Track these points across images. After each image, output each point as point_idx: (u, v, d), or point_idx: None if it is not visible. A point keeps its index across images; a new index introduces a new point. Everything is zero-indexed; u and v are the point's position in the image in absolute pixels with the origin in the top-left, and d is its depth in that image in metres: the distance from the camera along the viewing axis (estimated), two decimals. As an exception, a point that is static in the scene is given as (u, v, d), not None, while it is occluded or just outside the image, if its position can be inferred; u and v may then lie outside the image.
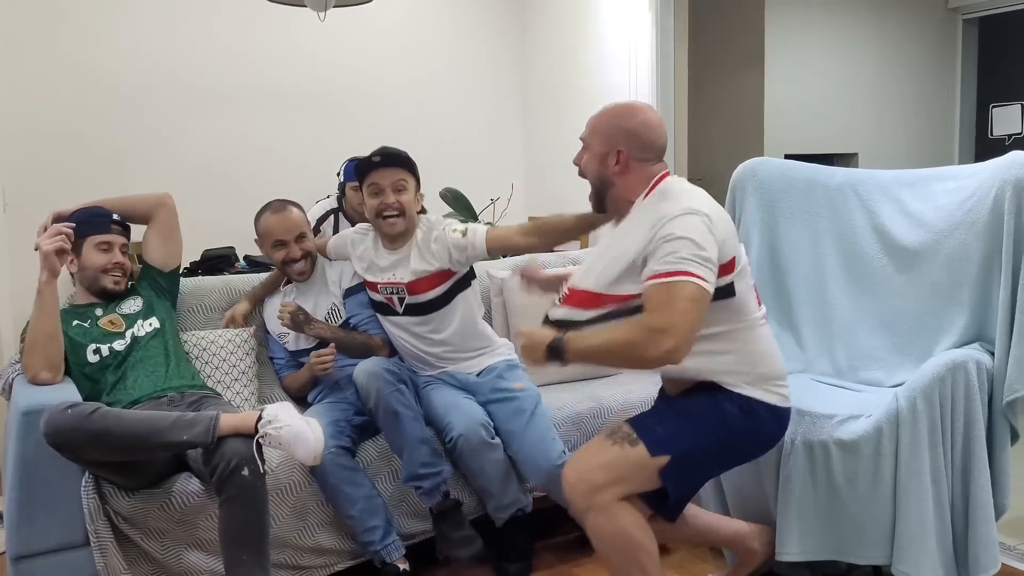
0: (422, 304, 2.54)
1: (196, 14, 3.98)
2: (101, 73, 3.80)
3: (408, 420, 2.33)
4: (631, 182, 1.91)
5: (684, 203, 1.80)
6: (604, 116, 1.95)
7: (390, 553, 2.33)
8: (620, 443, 1.87)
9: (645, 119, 1.92)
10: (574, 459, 1.93)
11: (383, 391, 2.32)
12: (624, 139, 1.89)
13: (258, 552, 2.03)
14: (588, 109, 4.02)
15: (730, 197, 2.76)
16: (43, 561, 2.07)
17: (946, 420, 2.05)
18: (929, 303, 2.37)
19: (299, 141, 4.22)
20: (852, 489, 2.10)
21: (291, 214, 2.63)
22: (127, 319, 2.46)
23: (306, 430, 2.05)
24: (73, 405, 1.96)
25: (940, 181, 2.45)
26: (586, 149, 1.97)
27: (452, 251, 2.49)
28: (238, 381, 2.66)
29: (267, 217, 2.63)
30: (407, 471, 2.35)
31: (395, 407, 2.32)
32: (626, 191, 1.91)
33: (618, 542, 1.85)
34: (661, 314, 1.69)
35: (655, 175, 1.91)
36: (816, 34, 5.25)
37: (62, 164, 3.73)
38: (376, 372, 2.36)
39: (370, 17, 4.18)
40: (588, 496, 1.84)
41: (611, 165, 1.91)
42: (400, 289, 2.55)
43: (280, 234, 2.61)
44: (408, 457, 2.34)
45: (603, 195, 1.96)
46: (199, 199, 3.98)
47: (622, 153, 1.89)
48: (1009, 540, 2.51)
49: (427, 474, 2.33)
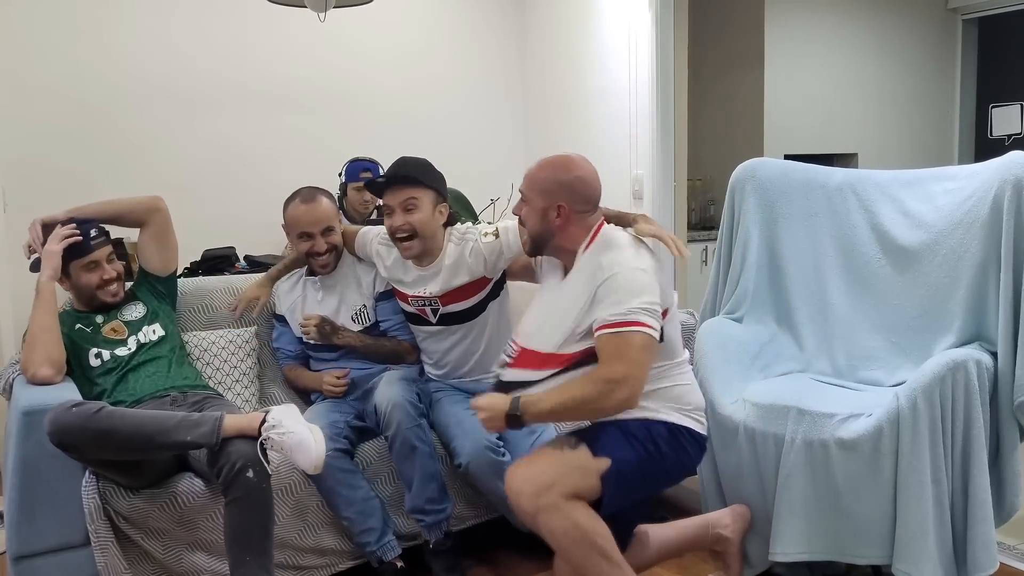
0: (458, 314, 2.50)
1: (196, 14, 3.97)
2: (101, 73, 3.80)
3: (423, 456, 2.33)
4: (572, 233, 2.01)
5: (627, 256, 1.92)
6: (543, 171, 2.04)
7: (386, 552, 2.34)
8: (562, 447, 1.92)
9: (582, 174, 2.02)
10: (517, 470, 1.95)
11: (403, 424, 2.31)
12: (564, 194, 1.99)
13: (261, 553, 2.04)
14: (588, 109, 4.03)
15: (729, 197, 2.76)
16: (43, 561, 2.07)
17: (946, 419, 2.05)
18: (928, 303, 2.37)
19: (299, 141, 4.22)
20: (852, 488, 2.10)
21: (320, 205, 2.56)
22: (130, 325, 2.46)
23: (309, 439, 2.04)
24: (78, 404, 1.96)
25: (939, 181, 2.46)
26: (526, 202, 2.05)
27: (488, 258, 2.44)
28: (239, 382, 2.66)
29: (295, 206, 2.57)
30: (413, 503, 2.35)
31: (414, 442, 2.32)
32: (567, 241, 2.02)
33: (574, 535, 1.87)
34: (615, 365, 1.81)
35: (593, 225, 2.02)
36: (816, 34, 5.24)
37: (62, 164, 3.72)
38: (399, 403, 2.33)
39: (370, 17, 4.18)
40: (536, 497, 1.85)
41: (552, 219, 2.00)
42: (433, 301, 2.50)
43: (306, 225, 2.55)
44: (417, 491, 2.34)
45: (542, 245, 2.06)
46: (199, 199, 3.98)
47: (563, 208, 1.98)
48: (1009, 540, 2.51)
49: (432, 510, 2.35)
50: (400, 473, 2.38)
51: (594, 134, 4.22)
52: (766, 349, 2.59)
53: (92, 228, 2.43)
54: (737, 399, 2.37)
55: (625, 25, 3.96)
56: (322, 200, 2.58)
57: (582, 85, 4.29)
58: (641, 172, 3.93)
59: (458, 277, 2.46)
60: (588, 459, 1.90)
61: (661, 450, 1.94)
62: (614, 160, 4.08)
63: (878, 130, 5.51)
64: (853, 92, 5.38)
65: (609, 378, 1.80)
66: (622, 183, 4.03)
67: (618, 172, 4.06)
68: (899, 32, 5.56)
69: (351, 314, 2.62)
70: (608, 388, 1.80)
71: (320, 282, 2.66)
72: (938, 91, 5.79)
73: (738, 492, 2.35)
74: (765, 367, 2.54)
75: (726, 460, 2.38)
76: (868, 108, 5.45)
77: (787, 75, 5.05)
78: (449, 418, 2.45)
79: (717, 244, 2.84)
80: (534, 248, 2.10)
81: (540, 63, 4.64)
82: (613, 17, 4.05)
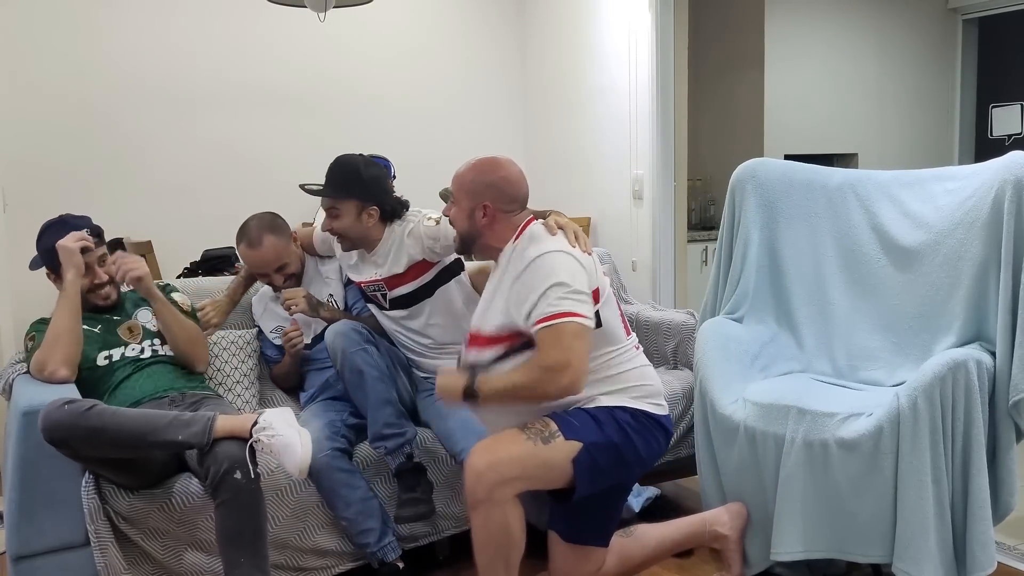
0: (404, 297, 2.56)
1: (196, 14, 3.97)
2: (101, 73, 3.80)
3: (372, 379, 2.33)
4: (498, 231, 2.07)
5: (547, 244, 1.97)
6: (469, 173, 2.09)
7: (387, 554, 2.33)
8: (534, 439, 1.92)
9: (506, 174, 2.08)
10: (484, 448, 1.95)
11: (348, 349, 2.33)
12: (489, 194, 2.05)
13: (254, 554, 2.03)
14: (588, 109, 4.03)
15: (729, 197, 2.76)
16: (43, 561, 2.07)
17: (947, 419, 2.05)
18: (929, 303, 2.37)
19: (299, 141, 4.22)
20: (852, 488, 2.10)
21: (264, 248, 2.56)
22: (146, 332, 2.47)
23: (296, 442, 2.03)
24: (70, 401, 1.96)
25: (940, 181, 2.46)
26: (454, 203, 2.11)
27: (425, 240, 2.49)
28: (239, 383, 2.66)
29: (242, 250, 2.62)
30: (371, 430, 2.35)
31: (360, 366, 2.33)
32: (494, 240, 2.08)
33: (499, 538, 1.90)
34: (552, 353, 1.85)
35: (520, 223, 2.07)
36: (816, 34, 5.25)
37: (62, 164, 3.72)
38: (343, 331, 2.37)
39: (370, 17, 4.18)
40: (492, 488, 1.87)
41: (479, 218, 2.06)
42: (380, 286, 2.57)
43: (257, 268, 2.63)
44: (372, 416, 2.34)
45: (470, 244, 2.13)
46: (199, 199, 3.98)
47: (488, 207, 2.04)
48: (1008, 540, 2.51)
49: (391, 434, 2.33)
50: (356, 404, 2.39)
51: (594, 134, 4.22)
52: (766, 349, 2.59)
53: (85, 228, 2.41)
54: (737, 399, 2.37)
55: (625, 25, 3.96)
56: (266, 241, 2.57)
57: (582, 85, 4.29)
58: (641, 172, 3.93)
59: (399, 263, 2.53)
60: (559, 449, 1.91)
61: (628, 435, 1.97)
62: (614, 160, 4.09)
63: (878, 130, 5.51)
64: (853, 92, 5.38)
65: (546, 365, 1.84)
66: (622, 183, 4.04)
67: (618, 172, 4.06)
68: (899, 32, 5.56)
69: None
70: (547, 375, 1.84)
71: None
72: (938, 91, 5.79)
73: (738, 491, 2.35)
74: (765, 367, 2.54)
75: (726, 459, 2.38)
76: (868, 108, 5.45)
77: (787, 75, 5.05)
78: (438, 416, 2.48)
79: (717, 244, 2.84)
80: (462, 246, 2.16)
81: (540, 63, 4.64)
82: (613, 17, 4.05)
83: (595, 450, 1.92)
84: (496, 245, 2.08)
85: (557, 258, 1.93)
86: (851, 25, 5.35)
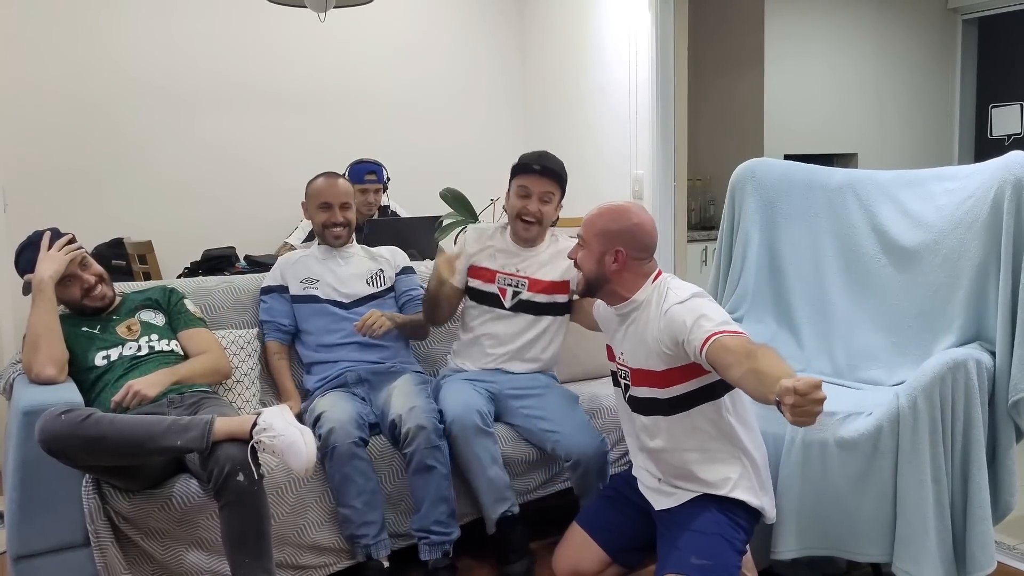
0: (537, 304, 2.62)
1: (196, 14, 3.98)
2: (101, 73, 3.81)
3: (439, 477, 2.36)
4: (627, 279, 2.07)
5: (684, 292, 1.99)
6: (602, 217, 2.09)
7: (379, 549, 2.34)
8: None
9: (640, 221, 2.08)
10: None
11: (422, 445, 2.35)
12: (622, 240, 2.05)
13: (259, 554, 2.03)
14: (588, 109, 4.03)
15: (729, 198, 2.76)
16: (43, 561, 2.07)
17: (946, 419, 2.05)
18: (928, 303, 2.37)
19: (299, 141, 4.23)
20: (852, 487, 2.10)
21: (342, 183, 2.81)
22: (144, 326, 2.47)
23: (299, 441, 2.02)
24: (67, 411, 1.94)
25: (939, 181, 2.45)
26: (582, 246, 2.11)
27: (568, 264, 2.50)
28: (240, 383, 2.66)
29: (320, 181, 2.80)
30: (420, 523, 2.37)
31: (431, 463, 2.35)
32: (622, 287, 2.08)
33: None
34: (750, 348, 1.78)
35: (650, 272, 2.09)
36: (816, 34, 5.25)
37: (62, 164, 3.73)
38: (423, 424, 2.37)
39: (370, 17, 4.18)
40: None
41: (609, 264, 2.05)
42: (520, 283, 2.62)
43: (328, 196, 2.75)
44: (426, 511, 2.36)
45: (595, 288, 2.12)
46: (199, 199, 3.98)
47: (620, 253, 2.04)
48: (1008, 540, 2.51)
49: (438, 531, 2.36)
50: (412, 489, 2.40)
51: (594, 134, 4.22)
52: (766, 349, 2.59)
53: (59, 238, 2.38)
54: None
55: (625, 25, 3.96)
56: (343, 181, 2.83)
57: (582, 85, 4.30)
58: (641, 172, 3.94)
59: (554, 271, 2.63)
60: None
61: (748, 535, 2.02)
62: (614, 160, 4.09)
63: (878, 130, 5.51)
64: (853, 92, 5.38)
65: (747, 354, 1.77)
66: (622, 183, 4.04)
67: (618, 172, 4.06)
68: (899, 32, 5.56)
69: (366, 278, 2.79)
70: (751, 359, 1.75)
71: (331, 251, 2.81)
72: (938, 91, 5.79)
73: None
74: (765, 367, 2.54)
75: (726, 460, 2.37)
76: (868, 108, 5.46)
77: (787, 75, 5.05)
78: (449, 389, 2.55)
79: (717, 244, 2.84)
80: (587, 290, 2.14)
81: (540, 63, 4.65)
82: (613, 17, 4.05)
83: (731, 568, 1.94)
84: (622, 292, 2.08)
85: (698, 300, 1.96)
86: (851, 25, 5.35)
